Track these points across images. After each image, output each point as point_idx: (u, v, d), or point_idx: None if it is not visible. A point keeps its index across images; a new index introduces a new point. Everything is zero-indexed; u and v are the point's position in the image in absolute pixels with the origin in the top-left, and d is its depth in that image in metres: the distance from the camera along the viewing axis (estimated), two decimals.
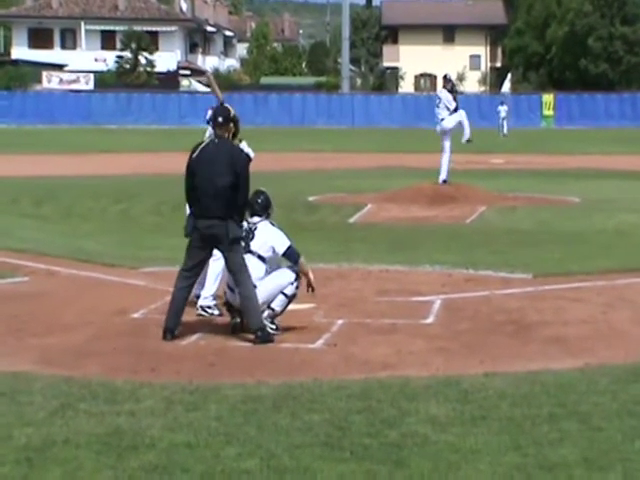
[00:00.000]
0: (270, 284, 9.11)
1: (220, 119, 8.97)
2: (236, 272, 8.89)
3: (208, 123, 9.69)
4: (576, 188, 23.46)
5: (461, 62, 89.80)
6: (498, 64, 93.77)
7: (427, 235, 15.95)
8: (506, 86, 73.68)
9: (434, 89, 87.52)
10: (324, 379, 7.41)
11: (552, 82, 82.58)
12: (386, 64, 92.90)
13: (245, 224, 9.19)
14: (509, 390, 7.03)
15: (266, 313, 9.06)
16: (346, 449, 5.83)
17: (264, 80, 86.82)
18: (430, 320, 9.78)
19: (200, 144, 8.94)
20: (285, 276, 9.18)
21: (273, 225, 9.34)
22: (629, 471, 5.46)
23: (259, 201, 9.36)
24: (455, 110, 20.49)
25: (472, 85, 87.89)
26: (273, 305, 9.15)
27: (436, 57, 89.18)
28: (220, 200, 8.71)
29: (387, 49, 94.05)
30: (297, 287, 9.25)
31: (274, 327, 9.04)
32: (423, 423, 6.28)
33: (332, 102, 69.00)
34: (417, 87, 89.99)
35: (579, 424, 6.26)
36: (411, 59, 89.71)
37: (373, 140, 47.77)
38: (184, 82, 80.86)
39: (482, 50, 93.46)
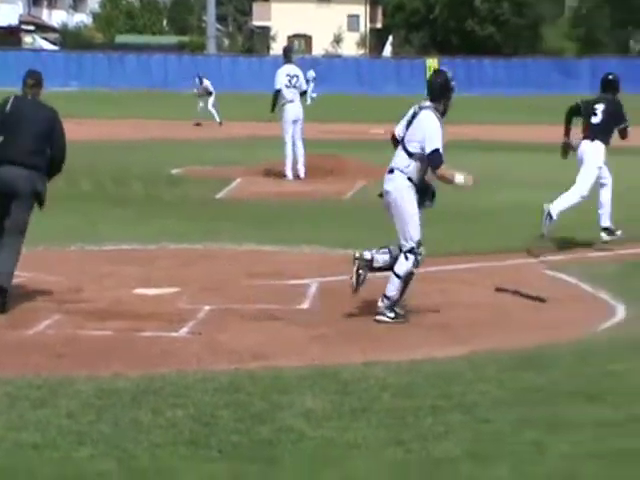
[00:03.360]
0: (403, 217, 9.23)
1: (32, 81, 9.69)
2: (15, 230, 9.29)
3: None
4: (462, 161, 23.85)
5: (338, 22, 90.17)
6: (378, 25, 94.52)
7: (302, 212, 16.03)
8: (387, 49, 74.45)
9: (309, 51, 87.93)
10: (189, 371, 7.39)
11: (436, 45, 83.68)
12: (256, 23, 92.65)
13: (415, 107, 9.35)
14: (391, 380, 7.13)
15: (382, 304, 9.11)
16: (213, 447, 5.84)
17: (119, 39, 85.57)
18: (306, 305, 9.85)
19: (9, 97, 9.62)
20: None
21: (437, 118, 9.24)
22: (517, 464, 5.61)
23: (438, 80, 9.35)
24: None
25: (350, 48, 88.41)
26: (388, 293, 9.16)
27: (310, 16, 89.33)
28: (35, 149, 9.32)
29: (257, 6, 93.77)
30: (415, 264, 9.19)
31: (393, 315, 9.11)
32: (298, 417, 6.33)
33: (197, 64, 68.24)
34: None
35: (465, 416, 6.40)
36: (283, 18, 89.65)
37: (242, 106, 47.63)
38: (27, 39, 79.13)
39: (361, 9, 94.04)
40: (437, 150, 9.14)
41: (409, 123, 9.34)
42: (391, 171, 9.39)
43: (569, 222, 13.25)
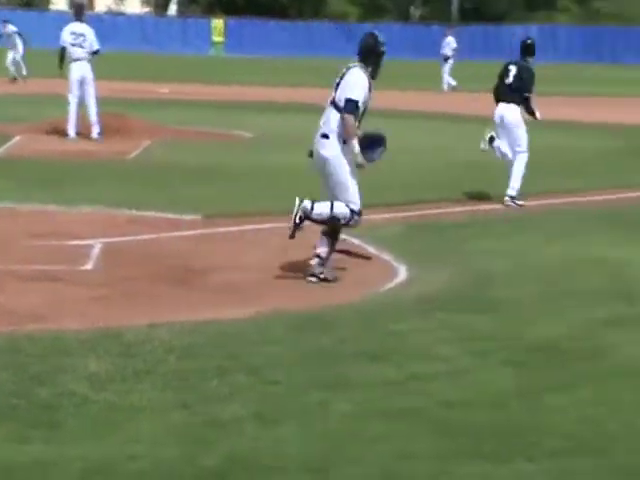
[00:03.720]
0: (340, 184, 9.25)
1: None
2: None
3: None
4: (248, 122, 23.88)
5: None
6: None
7: (86, 171, 15.72)
8: (172, 8, 73.68)
9: (91, 8, 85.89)
10: None
11: (222, 5, 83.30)
12: None
13: (343, 68, 9.30)
14: (176, 342, 7.06)
15: (307, 210, 9.14)
16: None
17: None
18: (89, 266, 9.66)
19: None
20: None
21: (364, 75, 9.18)
22: (303, 424, 5.67)
23: (369, 42, 9.29)
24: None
25: (134, 6, 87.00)
26: (315, 205, 9.19)
27: None
28: None
29: None
30: (348, 219, 9.28)
31: (293, 226, 9.19)
32: (80, 381, 6.19)
33: None
34: (71, 5, 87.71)
35: (250, 377, 6.40)
36: None
37: (29, 62, 46.21)
38: None
39: None
40: (354, 101, 9.14)
41: (337, 84, 9.32)
42: (325, 136, 9.27)
43: None
